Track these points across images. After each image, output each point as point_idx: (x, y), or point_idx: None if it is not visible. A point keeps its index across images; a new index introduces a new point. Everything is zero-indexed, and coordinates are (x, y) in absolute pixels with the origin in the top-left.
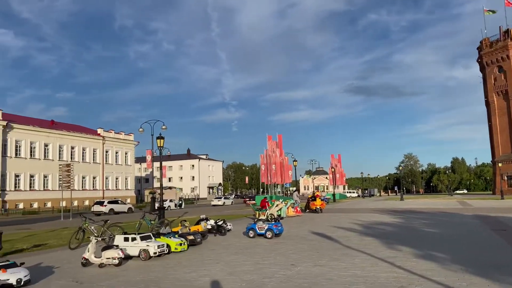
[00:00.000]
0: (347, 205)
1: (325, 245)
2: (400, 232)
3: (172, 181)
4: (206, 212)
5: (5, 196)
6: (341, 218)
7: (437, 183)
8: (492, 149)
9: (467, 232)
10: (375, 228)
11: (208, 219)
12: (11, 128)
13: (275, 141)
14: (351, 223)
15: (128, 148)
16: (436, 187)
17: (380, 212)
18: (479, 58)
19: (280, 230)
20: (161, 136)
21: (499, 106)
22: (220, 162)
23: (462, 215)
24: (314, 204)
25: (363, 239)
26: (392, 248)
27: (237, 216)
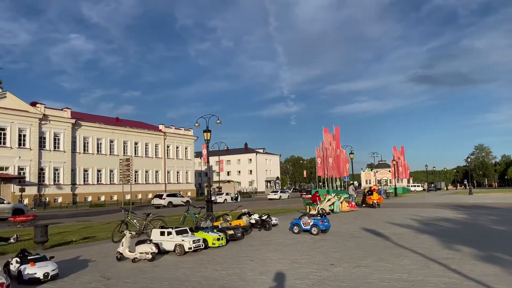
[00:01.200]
0: (409, 199)
1: (374, 243)
2: (462, 230)
3: (231, 175)
4: (260, 206)
5: (75, 190)
6: (399, 214)
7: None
8: None
9: None
10: (434, 225)
11: (252, 214)
12: (79, 126)
13: (332, 134)
14: (409, 219)
15: (188, 143)
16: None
17: (443, 207)
18: None
19: (326, 226)
20: (208, 129)
21: None
22: (277, 156)
23: None
24: (371, 198)
25: (418, 236)
26: (449, 247)
27: (288, 210)
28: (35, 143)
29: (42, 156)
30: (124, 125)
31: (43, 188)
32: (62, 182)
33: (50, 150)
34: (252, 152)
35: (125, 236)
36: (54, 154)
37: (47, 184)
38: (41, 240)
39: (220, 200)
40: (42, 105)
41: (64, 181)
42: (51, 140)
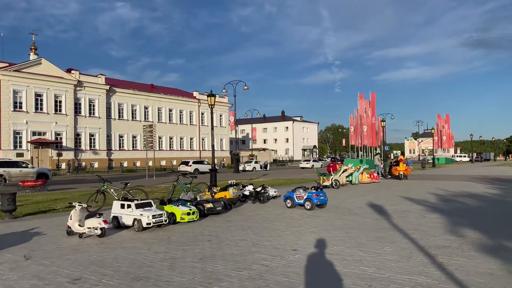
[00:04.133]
0: (446, 171)
1: (367, 223)
2: (482, 209)
3: (267, 143)
4: (285, 175)
5: (111, 155)
6: (423, 187)
7: None
8: None
9: None
10: (453, 201)
11: (246, 185)
12: (114, 92)
13: (368, 100)
14: (429, 194)
15: (223, 110)
16: None
17: (478, 180)
18: None
19: (322, 201)
20: (212, 94)
21: None
22: (315, 124)
23: None
24: (397, 169)
25: (424, 216)
26: (453, 231)
27: (306, 180)
28: (70, 109)
29: (78, 122)
30: (159, 91)
31: (80, 153)
32: (98, 147)
33: (85, 116)
34: (289, 120)
35: (74, 209)
36: (89, 120)
37: (84, 149)
38: (7, 209)
39: (249, 168)
40: (77, 72)
41: (100, 146)
42: (86, 106)
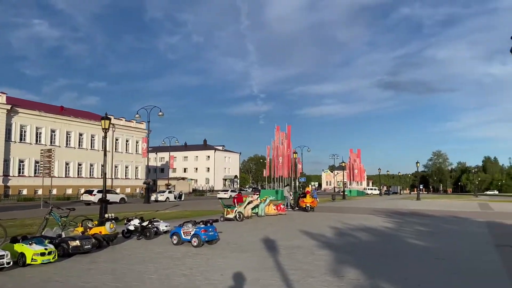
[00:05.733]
0: (354, 203)
1: (251, 261)
2: (374, 244)
3: (188, 172)
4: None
5: (7, 182)
6: (325, 220)
7: (466, 183)
8: None
9: (462, 248)
10: (349, 236)
11: (132, 218)
12: (16, 112)
13: (284, 132)
14: (329, 227)
15: (140, 136)
16: (465, 187)
17: (380, 213)
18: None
19: (210, 237)
20: (107, 117)
21: None
22: (237, 154)
23: (474, 221)
24: (304, 201)
25: (314, 253)
26: (335, 271)
27: (213, 212)
28: None
29: None
30: (69, 114)
31: None
32: None
33: None
34: (211, 149)
35: None
36: None
37: None
38: None
39: (161, 198)
40: None
41: None
42: None
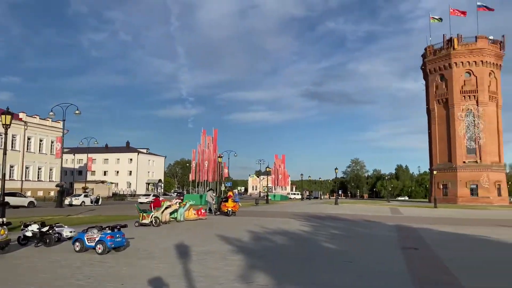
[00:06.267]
0: (276, 207)
1: (157, 269)
2: (289, 248)
3: (108, 175)
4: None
5: None
6: (245, 224)
7: (380, 189)
8: (431, 157)
9: (371, 251)
10: (266, 240)
11: (30, 224)
12: None
13: (211, 136)
14: (248, 231)
15: (56, 136)
16: (380, 193)
17: (299, 217)
18: (423, 65)
19: (118, 243)
20: (8, 112)
21: (439, 114)
22: (162, 158)
23: (384, 224)
24: (226, 205)
25: (226, 258)
26: (244, 277)
27: (129, 217)
28: None
29: None
30: None
31: None
32: None
33: None
34: (134, 151)
35: None
36: None
37: None
38: None
39: (76, 202)
40: None
41: None
42: None
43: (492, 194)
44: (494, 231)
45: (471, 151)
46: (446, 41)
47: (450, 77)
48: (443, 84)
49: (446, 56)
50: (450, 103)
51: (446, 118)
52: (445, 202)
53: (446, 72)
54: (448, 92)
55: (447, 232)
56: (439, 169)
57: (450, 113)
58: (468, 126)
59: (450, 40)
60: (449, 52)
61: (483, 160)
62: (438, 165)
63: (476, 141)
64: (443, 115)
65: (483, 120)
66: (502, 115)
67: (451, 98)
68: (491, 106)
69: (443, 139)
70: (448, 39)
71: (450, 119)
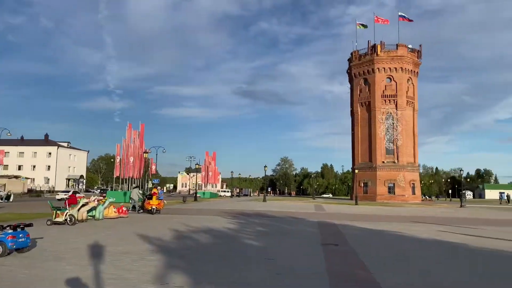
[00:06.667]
0: (204, 205)
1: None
2: (212, 246)
3: (23, 170)
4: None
5: None
6: (169, 223)
7: (307, 187)
8: (353, 157)
9: (292, 247)
10: (189, 239)
11: None
12: None
13: (137, 131)
14: (171, 230)
15: None
16: (306, 190)
17: (226, 215)
18: (349, 69)
19: (20, 244)
20: None
21: (362, 117)
22: (85, 152)
23: (308, 221)
24: (150, 203)
25: (144, 258)
26: (161, 278)
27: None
28: None
29: None
30: None
31: None
32: None
33: None
34: (54, 145)
35: None
36: None
37: None
38: None
39: None
40: None
41: None
42: None
43: (407, 192)
44: (408, 227)
45: (389, 152)
46: (371, 47)
47: (373, 82)
48: (367, 88)
49: (370, 62)
50: (372, 107)
51: (368, 120)
52: (366, 199)
53: (369, 77)
54: (371, 96)
55: (365, 228)
56: (360, 168)
57: (372, 115)
58: (387, 129)
59: (374, 46)
60: (373, 58)
61: (400, 160)
62: (359, 165)
63: (394, 142)
64: (366, 117)
65: (401, 123)
66: (417, 119)
67: (373, 101)
68: (409, 110)
69: (365, 140)
70: (372, 46)
71: (371, 122)
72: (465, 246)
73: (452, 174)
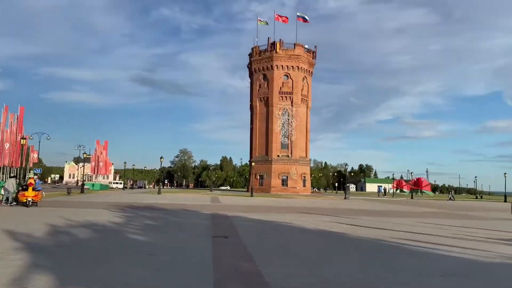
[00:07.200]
0: (91, 197)
1: None
2: (91, 242)
3: None
4: None
5: None
6: (45, 217)
7: (205, 179)
8: (251, 150)
9: (180, 240)
10: (66, 234)
11: None
12: None
13: (15, 114)
14: (46, 225)
15: None
16: (205, 182)
17: (114, 208)
18: (249, 64)
19: None
20: None
21: (260, 111)
22: None
23: (201, 213)
24: (24, 195)
25: (4, 258)
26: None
27: None
28: None
29: None
30: None
31: None
32: None
33: None
34: None
35: None
36: None
37: None
38: None
39: None
40: None
41: None
42: None
43: (299, 185)
44: (297, 218)
45: (284, 146)
46: (270, 44)
47: (272, 78)
48: (265, 84)
49: (269, 58)
50: (270, 102)
51: (266, 115)
52: (261, 191)
53: (268, 73)
54: (269, 92)
55: (257, 219)
56: (257, 161)
57: (269, 111)
58: (283, 124)
59: (274, 44)
60: (272, 54)
61: (293, 154)
62: (256, 158)
63: (289, 137)
64: (264, 112)
65: (296, 120)
66: (310, 116)
67: (271, 97)
68: (303, 107)
69: (262, 134)
70: (272, 43)
71: (269, 117)
72: (348, 236)
73: (338, 169)
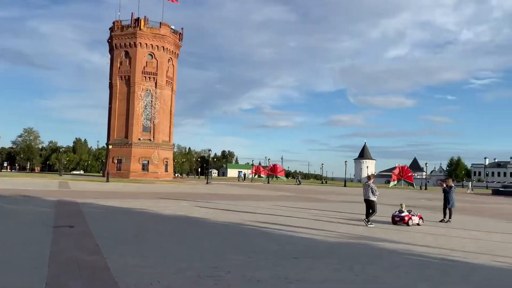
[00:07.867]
0: None
1: None
2: None
3: None
4: None
5: None
6: None
7: (55, 162)
8: (109, 132)
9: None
10: None
11: None
12: None
13: None
14: None
15: None
16: (54, 166)
17: None
18: (110, 39)
19: None
20: None
21: (120, 90)
22: None
23: (44, 200)
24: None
25: None
26: None
27: None
28: None
29: None
30: None
31: None
32: None
33: None
34: None
35: None
36: None
37: None
38: None
39: None
40: None
41: None
42: None
43: (160, 170)
44: (155, 203)
45: (146, 129)
46: (134, 20)
47: (134, 56)
48: (127, 62)
49: (132, 35)
50: (132, 82)
51: (127, 95)
52: (119, 176)
53: (131, 50)
54: (131, 70)
55: (110, 206)
56: (115, 144)
57: (131, 91)
58: (146, 106)
59: (138, 20)
60: (136, 31)
61: (156, 138)
62: (115, 140)
63: (151, 120)
64: (125, 91)
65: (160, 102)
66: (175, 100)
67: (133, 76)
68: (167, 90)
69: (122, 115)
70: (136, 19)
71: (130, 97)
72: (207, 221)
73: (202, 154)
